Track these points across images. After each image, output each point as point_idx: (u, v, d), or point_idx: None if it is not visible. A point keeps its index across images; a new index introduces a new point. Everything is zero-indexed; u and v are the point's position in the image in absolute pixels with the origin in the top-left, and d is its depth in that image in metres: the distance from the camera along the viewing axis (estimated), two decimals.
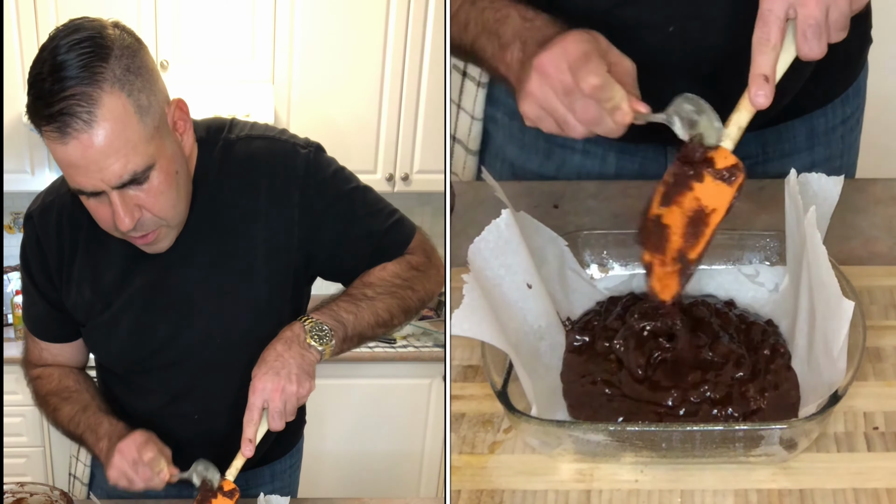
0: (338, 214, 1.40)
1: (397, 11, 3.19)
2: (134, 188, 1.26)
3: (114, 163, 1.23)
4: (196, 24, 3.13)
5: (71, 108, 1.20)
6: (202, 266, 1.40)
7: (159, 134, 1.28)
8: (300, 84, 3.22)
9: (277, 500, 1.46)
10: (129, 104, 1.23)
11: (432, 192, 3.47)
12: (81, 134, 1.21)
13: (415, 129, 3.32)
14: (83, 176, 1.24)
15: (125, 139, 1.23)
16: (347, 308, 1.39)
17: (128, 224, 1.27)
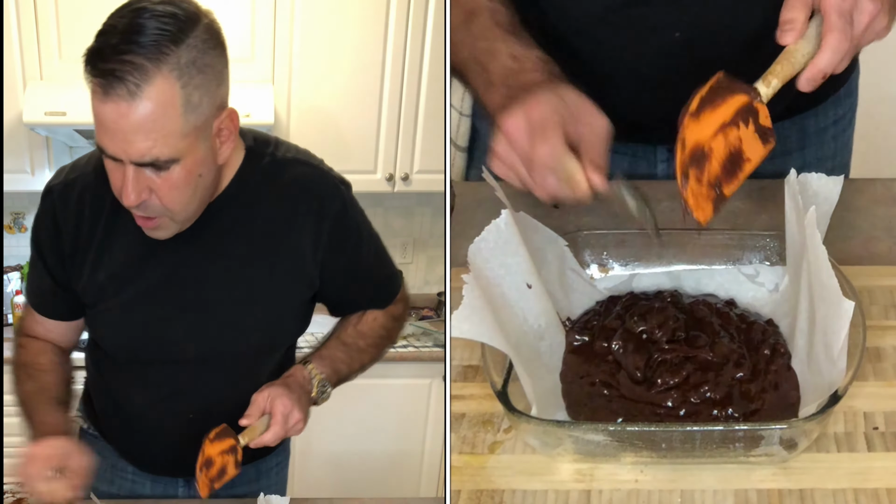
0: (357, 254, 1.48)
1: (397, 12, 3.19)
2: (152, 171, 1.26)
3: (141, 141, 1.23)
4: None
5: (123, 73, 1.19)
6: (225, 270, 1.41)
7: (198, 134, 1.28)
8: (300, 84, 3.22)
9: (277, 500, 1.46)
10: (178, 94, 1.23)
11: (432, 192, 3.47)
12: (121, 101, 1.20)
13: (415, 129, 3.32)
14: (108, 139, 1.24)
15: (160, 125, 1.23)
16: (343, 359, 1.51)
17: (132, 200, 1.27)
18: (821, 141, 1.67)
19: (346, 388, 3.36)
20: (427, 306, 3.71)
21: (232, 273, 1.41)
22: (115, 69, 1.19)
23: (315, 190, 1.43)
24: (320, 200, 1.42)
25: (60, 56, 3.07)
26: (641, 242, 1.39)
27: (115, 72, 1.19)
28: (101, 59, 1.20)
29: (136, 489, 1.57)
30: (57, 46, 3.06)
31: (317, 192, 1.43)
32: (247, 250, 1.41)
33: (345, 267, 1.47)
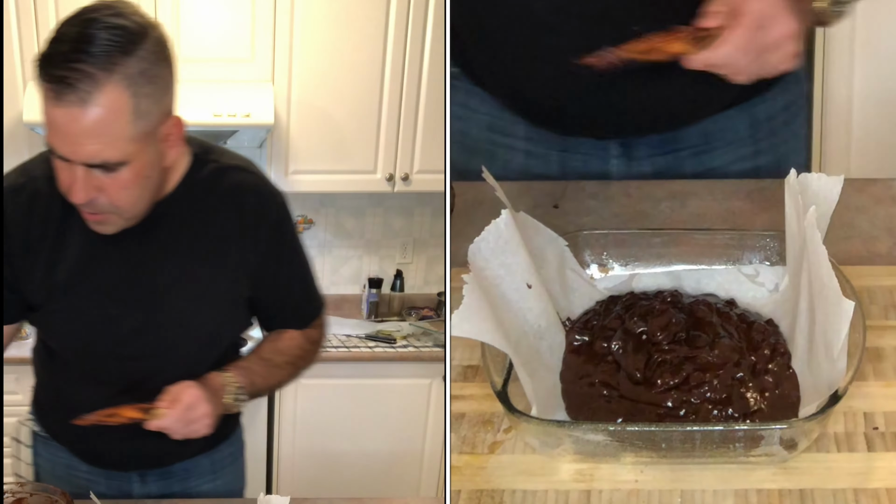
0: (288, 266, 1.55)
1: (397, 12, 3.19)
2: (101, 172, 1.31)
3: (91, 144, 1.28)
4: (196, 24, 3.13)
5: (74, 80, 1.24)
6: (172, 268, 1.46)
7: (146, 139, 1.33)
8: (300, 84, 3.22)
9: (277, 500, 1.46)
10: (128, 103, 1.28)
11: (432, 192, 3.47)
12: (73, 107, 1.25)
13: (415, 129, 3.32)
14: (59, 141, 1.29)
15: (110, 130, 1.28)
16: (260, 373, 1.54)
17: (81, 199, 1.32)
18: (772, 127, 1.68)
19: (347, 388, 3.37)
20: (427, 306, 3.71)
21: (178, 271, 1.46)
22: (66, 76, 1.24)
23: (255, 196, 1.48)
24: (260, 206, 1.48)
25: None
26: (641, 242, 1.39)
27: (67, 79, 1.25)
28: (52, 65, 1.25)
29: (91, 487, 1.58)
30: None
31: (257, 198, 1.48)
32: (191, 250, 1.46)
33: (274, 275, 1.52)
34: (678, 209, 1.61)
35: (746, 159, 1.67)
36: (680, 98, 1.54)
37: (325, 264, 3.73)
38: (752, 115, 1.66)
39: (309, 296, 1.64)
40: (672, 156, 1.66)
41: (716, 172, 1.67)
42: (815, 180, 1.28)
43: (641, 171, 1.67)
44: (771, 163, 1.69)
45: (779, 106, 1.68)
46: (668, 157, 1.66)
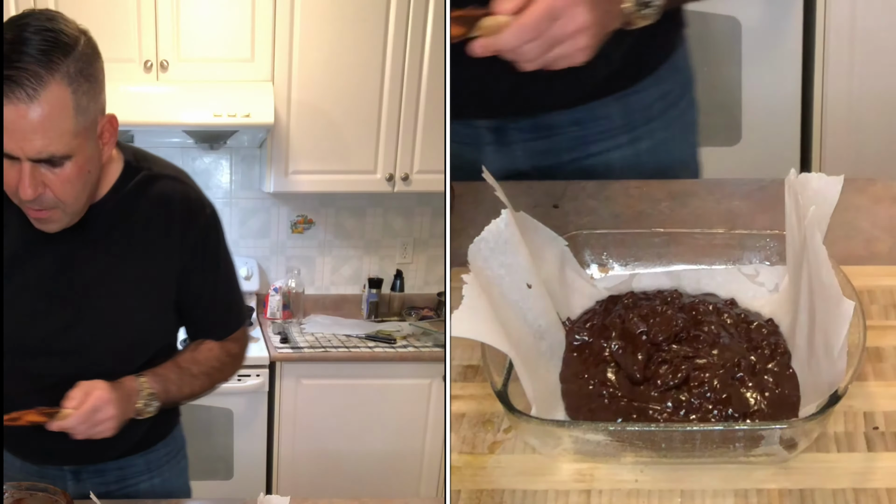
0: (212, 276, 1.58)
1: (397, 11, 3.19)
2: (46, 167, 1.37)
3: (38, 140, 1.35)
4: (196, 24, 3.13)
5: (20, 79, 1.32)
6: (100, 270, 1.51)
7: (86, 134, 1.40)
8: (300, 84, 3.22)
9: (277, 500, 1.46)
10: (70, 99, 1.35)
11: (432, 192, 3.47)
12: (20, 104, 1.32)
13: (415, 129, 3.32)
14: (7, 138, 1.34)
15: (55, 125, 1.35)
16: (175, 381, 1.55)
17: (29, 194, 1.37)
18: (648, 116, 1.72)
19: (347, 388, 3.37)
20: (427, 306, 3.71)
21: (105, 272, 1.50)
22: (12, 75, 1.32)
23: (184, 204, 1.53)
24: (188, 215, 1.53)
25: None
26: (641, 242, 1.39)
27: (13, 77, 1.32)
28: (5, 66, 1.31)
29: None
30: None
31: (186, 207, 1.53)
32: (119, 253, 1.51)
33: (196, 283, 1.56)
34: (678, 209, 1.61)
35: (624, 146, 1.72)
36: (542, 82, 1.54)
37: (325, 264, 3.73)
38: (626, 104, 1.70)
39: (230, 308, 1.66)
40: (545, 141, 1.70)
41: (595, 158, 1.71)
42: (815, 180, 1.28)
43: (514, 156, 1.71)
44: (650, 149, 1.74)
45: (654, 96, 1.72)
46: (540, 142, 1.70)
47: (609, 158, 1.71)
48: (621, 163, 1.72)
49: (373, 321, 3.62)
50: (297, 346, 3.30)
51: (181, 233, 1.52)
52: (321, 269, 3.74)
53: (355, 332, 3.45)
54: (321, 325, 3.54)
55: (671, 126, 1.76)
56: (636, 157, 1.73)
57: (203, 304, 1.60)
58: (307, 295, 3.67)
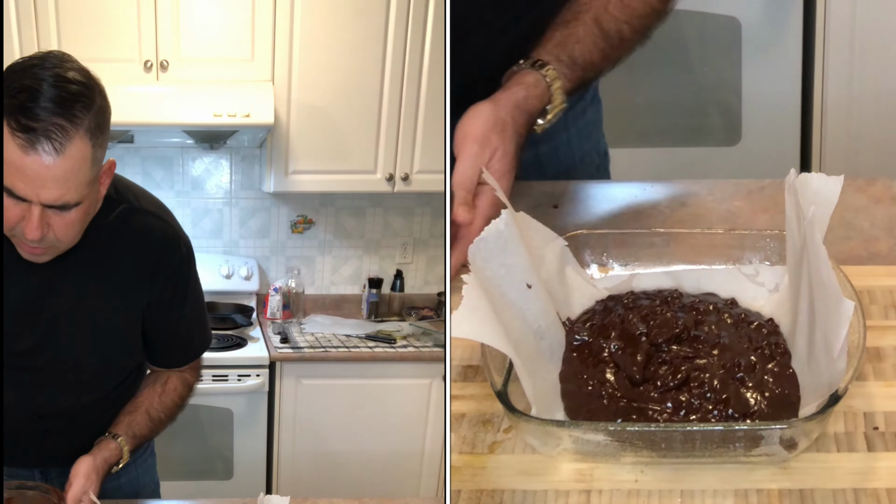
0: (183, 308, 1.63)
1: (397, 11, 3.19)
2: (54, 211, 1.40)
3: (56, 189, 1.38)
4: (195, 24, 3.13)
5: (49, 133, 1.34)
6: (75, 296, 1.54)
7: (94, 182, 1.44)
8: (300, 84, 3.22)
9: (277, 500, 1.46)
10: (89, 152, 1.39)
11: (432, 192, 3.47)
12: (46, 156, 1.35)
13: (415, 129, 3.32)
14: (24, 184, 1.37)
15: (74, 177, 1.38)
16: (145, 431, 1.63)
17: (36, 236, 1.40)
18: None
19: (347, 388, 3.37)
20: (427, 306, 3.71)
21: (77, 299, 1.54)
22: (42, 128, 1.34)
23: (159, 242, 1.57)
24: (161, 253, 1.57)
25: None
26: (641, 242, 1.39)
27: (40, 130, 1.34)
28: (28, 117, 1.34)
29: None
30: (57, 46, 3.06)
31: (160, 245, 1.57)
32: (93, 282, 1.54)
33: (162, 317, 1.60)
34: (678, 209, 1.62)
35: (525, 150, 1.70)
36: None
37: (325, 264, 3.73)
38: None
39: (191, 340, 1.71)
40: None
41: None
42: (815, 180, 1.27)
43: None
44: (550, 150, 1.76)
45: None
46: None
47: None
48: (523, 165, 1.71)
49: (373, 321, 3.62)
50: (297, 346, 3.30)
51: (154, 268, 1.56)
52: (321, 269, 3.74)
53: (355, 332, 3.45)
54: (321, 325, 3.54)
55: (570, 126, 1.77)
56: (537, 159, 1.73)
57: (166, 336, 1.64)
58: (307, 295, 3.67)
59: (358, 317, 3.68)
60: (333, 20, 3.18)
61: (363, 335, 3.42)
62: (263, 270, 3.67)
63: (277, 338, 3.34)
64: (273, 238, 3.67)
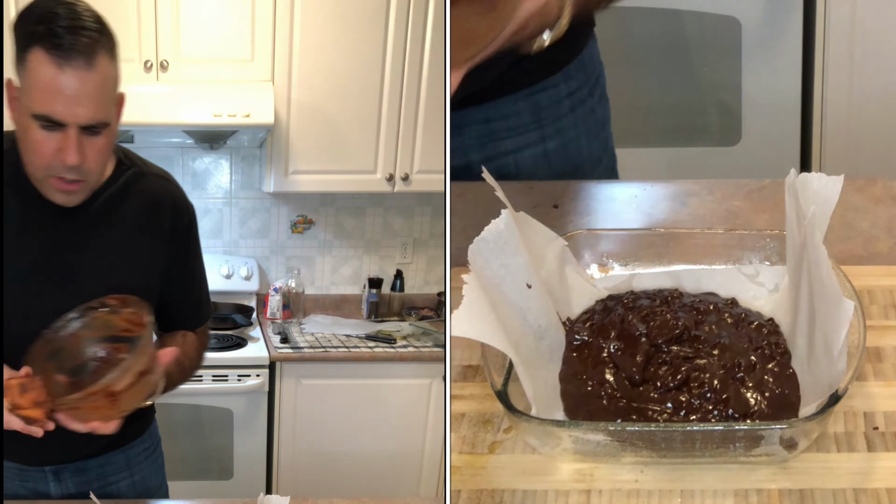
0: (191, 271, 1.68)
1: (397, 12, 3.19)
2: (88, 135, 1.45)
3: (91, 105, 1.44)
4: (196, 24, 3.13)
5: (80, 47, 1.41)
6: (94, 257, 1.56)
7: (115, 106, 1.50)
8: (300, 84, 3.22)
9: (277, 500, 1.46)
10: (111, 72, 1.47)
11: (432, 192, 3.47)
12: (81, 70, 1.42)
13: (415, 129, 3.32)
14: (62, 104, 1.43)
15: (104, 92, 1.46)
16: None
17: (77, 160, 1.45)
18: (557, 114, 1.72)
19: (347, 388, 3.37)
20: (427, 306, 3.71)
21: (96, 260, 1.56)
22: (73, 42, 1.40)
23: (172, 202, 1.62)
24: (174, 212, 1.62)
25: None
26: (641, 242, 1.39)
27: (73, 44, 1.40)
28: (57, 35, 1.41)
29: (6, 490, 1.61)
30: None
31: (173, 205, 1.62)
32: (109, 242, 1.57)
33: (178, 277, 1.64)
34: (678, 209, 1.61)
35: (535, 144, 1.72)
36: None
37: (325, 264, 3.73)
38: (535, 101, 1.70)
39: (202, 301, 1.74)
40: (454, 140, 1.71)
41: (506, 158, 1.72)
42: (815, 180, 1.27)
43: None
44: (559, 147, 1.74)
45: (562, 93, 1.72)
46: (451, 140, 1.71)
47: (519, 158, 1.72)
48: (531, 162, 1.73)
49: (373, 321, 3.62)
50: (297, 346, 3.30)
51: (168, 230, 1.60)
52: (321, 269, 3.74)
53: (355, 332, 3.45)
54: (321, 325, 3.55)
55: (580, 124, 1.77)
56: (545, 156, 1.73)
57: (181, 297, 1.66)
58: (307, 295, 3.67)
59: (358, 317, 3.68)
60: (333, 20, 3.19)
61: (363, 335, 3.42)
62: (263, 270, 3.68)
63: (277, 338, 3.35)
64: (273, 238, 3.67)
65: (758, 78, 2.98)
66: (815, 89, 2.97)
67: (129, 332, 1.49)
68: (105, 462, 1.67)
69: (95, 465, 1.66)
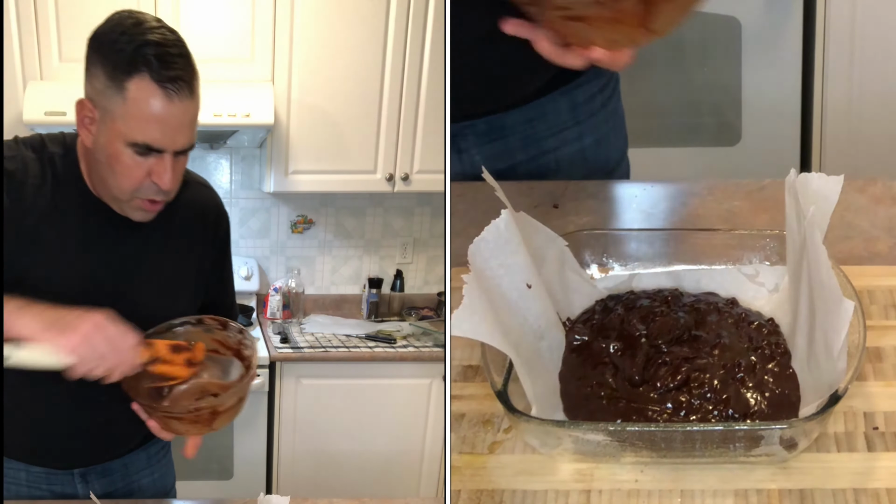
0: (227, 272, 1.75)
1: (397, 11, 3.19)
2: (178, 158, 1.47)
3: (188, 133, 1.46)
4: (196, 24, 3.13)
5: (188, 77, 1.43)
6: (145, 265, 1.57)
7: None
8: (300, 84, 3.22)
9: (277, 499, 1.46)
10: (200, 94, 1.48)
11: (432, 192, 3.47)
12: (186, 100, 1.43)
13: (415, 129, 3.32)
14: (165, 134, 1.43)
15: (196, 120, 1.48)
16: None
17: (172, 185, 1.47)
18: (591, 109, 1.75)
19: (347, 388, 3.37)
20: (427, 306, 3.71)
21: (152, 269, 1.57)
22: (183, 76, 1.42)
23: (216, 211, 1.66)
24: (217, 220, 1.67)
25: (60, 56, 3.07)
26: (641, 242, 1.39)
27: (184, 77, 1.42)
28: (168, 67, 1.41)
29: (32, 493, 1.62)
30: (57, 46, 3.06)
31: (216, 213, 1.66)
32: (163, 251, 1.58)
33: (219, 279, 1.70)
34: (678, 209, 1.62)
35: (573, 141, 1.74)
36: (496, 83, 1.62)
37: (325, 264, 3.73)
38: (572, 98, 1.72)
39: (233, 303, 1.81)
40: (499, 143, 1.72)
41: (546, 157, 1.73)
42: (815, 180, 1.27)
43: (473, 161, 1.72)
44: (594, 142, 1.76)
45: (594, 88, 1.74)
46: (495, 144, 1.72)
47: (559, 156, 1.74)
48: (569, 159, 1.75)
49: (373, 321, 3.62)
50: (297, 346, 3.30)
51: (212, 237, 1.64)
52: (321, 269, 3.74)
53: (355, 332, 3.45)
54: (321, 325, 3.54)
55: (609, 119, 1.79)
56: (582, 152, 1.75)
57: (218, 300, 1.68)
58: (307, 295, 3.67)
59: (358, 317, 3.68)
60: (333, 20, 3.18)
61: (363, 335, 3.42)
62: (263, 270, 3.67)
63: (277, 338, 3.34)
64: (273, 238, 3.67)
65: (758, 78, 2.98)
66: (815, 89, 2.97)
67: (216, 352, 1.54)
68: (128, 462, 1.68)
69: (119, 465, 1.67)
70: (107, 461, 1.66)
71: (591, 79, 1.73)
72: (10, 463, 1.61)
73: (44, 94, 3.04)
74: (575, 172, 1.74)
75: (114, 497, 1.65)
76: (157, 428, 1.47)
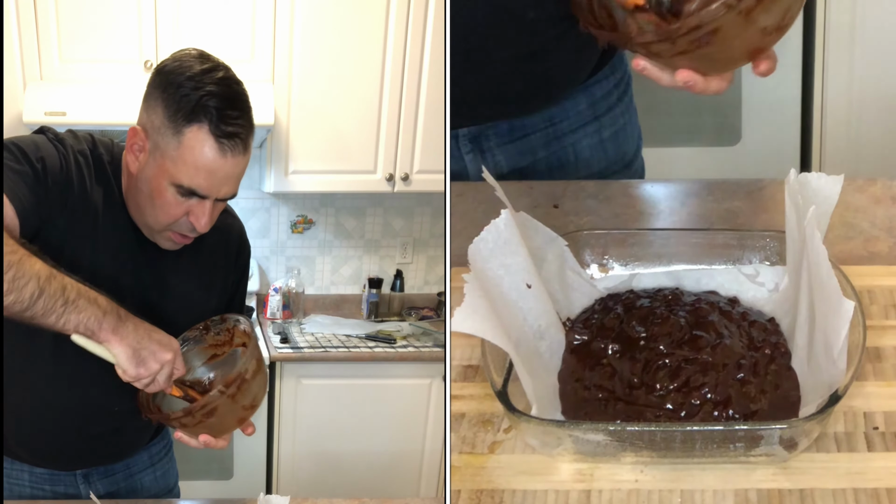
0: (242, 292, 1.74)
1: (397, 11, 3.19)
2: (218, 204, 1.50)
3: (234, 185, 1.48)
4: (195, 24, 3.13)
5: (245, 136, 1.45)
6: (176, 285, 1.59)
7: None
8: (300, 84, 3.22)
9: (277, 499, 1.46)
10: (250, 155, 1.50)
11: (432, 192, 3.47)
12: (239, 156, 1.45)
13: (415, 129, 3.32)
14: (209, 183, 1.45)
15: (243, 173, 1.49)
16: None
17: (207, 227, 1.49)
18: (609, 104, 1.77)
19: (347, 388, 3.37)
20: (427, 306, 3.71)
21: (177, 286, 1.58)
22: (240, 133, 1.44)
23: (239, 237, 1.69)
24: (240, 245, 1.69)
25: (60, 56, 3.07)
26: (641, 242, 1.39)
27: (240, 134, 1.44)
28: (227, 122, 1.43)
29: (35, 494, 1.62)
30: (57, 46, 3.06)
31: (239, 242, 1.69)
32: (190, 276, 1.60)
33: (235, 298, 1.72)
34: (678, 209, 1.62)
35: (591, 135, 1.76)
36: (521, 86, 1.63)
37: (325, 264, 3.73)
38: (591, 93, 1.74)
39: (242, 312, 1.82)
40: (521, 142, 1.73)
41: (566, 152, 1.75)
42: (815, 180, 1.28)
43: (496, 161, 1.73)
44: (612, 135, 1.78)
45: (611, 83, 1.76)
46: (517, 143, 1.73)
47: (578, 148, 1.75)
48: (588, 151, 1.76)
49: (373, 321, 3.62)
50: (297, 346, 3.30)
51: (234, 261, 1.67)
52: (321, 269, 3.74)
53: (355, 332, 3.45)
54: (321, 325, 3.55)
55: (625, 112, 1.81)
56: (601, 143, 1.77)
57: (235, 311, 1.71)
58: (307, 295, 3.67)
59: (358, 317, 3.68)
60: (333, 20, 3.19)
61: (363, 335, 3.42)
62: (263, 270, 3.68)
63: (277, 338, 3.35)
64: (273, 238, 3.67)
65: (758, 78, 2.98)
66: (815, 89, 2.97)
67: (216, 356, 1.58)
68: (131, 462, 1.69)
69: (122, 465, 1.68)
70: (110, 464, 1.67)
71: (608, 75, 1.75)
72: (14, 464, 1.61)
73: (44, 94, 3.04)
74: (594, 164, 1.76)
75: (117, 496, 1.65)
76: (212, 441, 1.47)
